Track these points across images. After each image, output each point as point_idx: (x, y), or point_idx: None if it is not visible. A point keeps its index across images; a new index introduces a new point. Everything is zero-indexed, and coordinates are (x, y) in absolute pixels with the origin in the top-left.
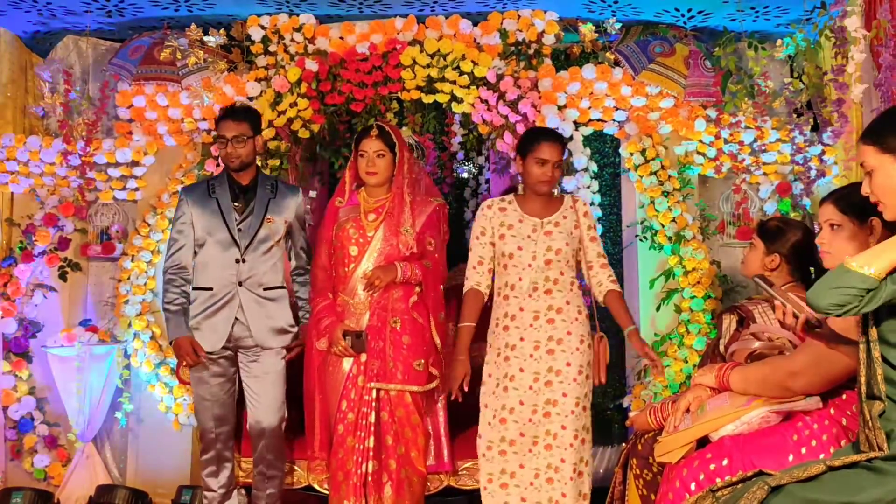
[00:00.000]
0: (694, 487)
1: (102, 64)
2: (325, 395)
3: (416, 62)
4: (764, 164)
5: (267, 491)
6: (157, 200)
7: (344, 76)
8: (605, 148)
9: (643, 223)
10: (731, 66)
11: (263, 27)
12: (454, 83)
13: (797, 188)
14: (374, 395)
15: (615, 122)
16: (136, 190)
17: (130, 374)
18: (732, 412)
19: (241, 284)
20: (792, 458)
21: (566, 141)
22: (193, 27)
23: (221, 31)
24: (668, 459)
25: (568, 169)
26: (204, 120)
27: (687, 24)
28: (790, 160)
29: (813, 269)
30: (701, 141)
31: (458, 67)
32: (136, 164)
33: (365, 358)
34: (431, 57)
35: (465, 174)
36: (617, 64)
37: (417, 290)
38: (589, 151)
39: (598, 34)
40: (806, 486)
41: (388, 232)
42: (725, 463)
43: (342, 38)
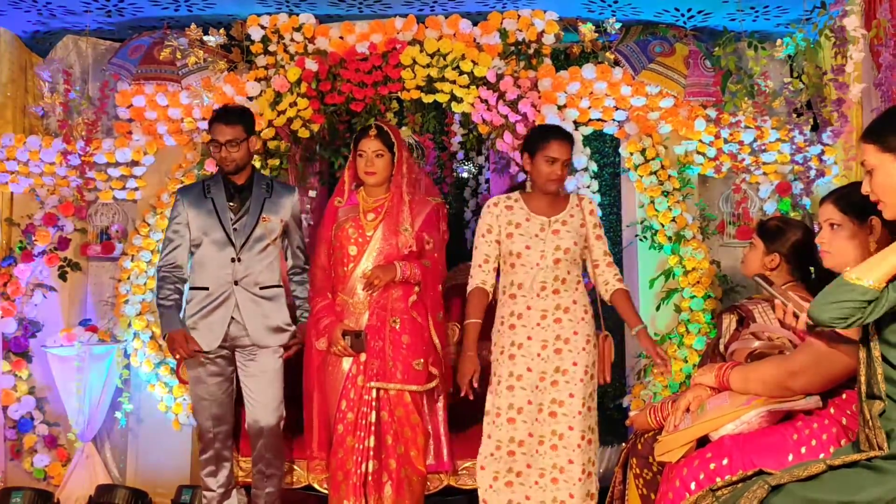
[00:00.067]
0: (694, 487)
1: (102, 64)
2: (324, 394)
3: (415, 62)
4: (764, 163)
5: (266, 490)
6: (156, 200)
7: (344, 76)
8: (604, 148)
9: (643, 223)
10: (730, 65)
11: (263, 27)
12: (454, 83)
13: (797, 188)
14: (373, 394)
15: (615, 121)
16: (135, 190)
17: (130, 373)
18: (732, 411)
19: (236, 284)
20: (792, 457)
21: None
22: (193, 27)
23: (221, 30)
24: (667, 459)
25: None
26: (204, 120)
27: (687, 23)
28: (790, 160)
29: (813, 268)
30: (701, 141)
31: (457, 67)
32: (135, 163)
33: (364, 357)
34: (431, 57)
35: (464, 174)
36: (617, 64)
37: (417, 289)
38: (589, 151)
39: (597, 34)
40: (806, 485)
41: (387, 231)
42: (725, 462)
43: (342, 37)
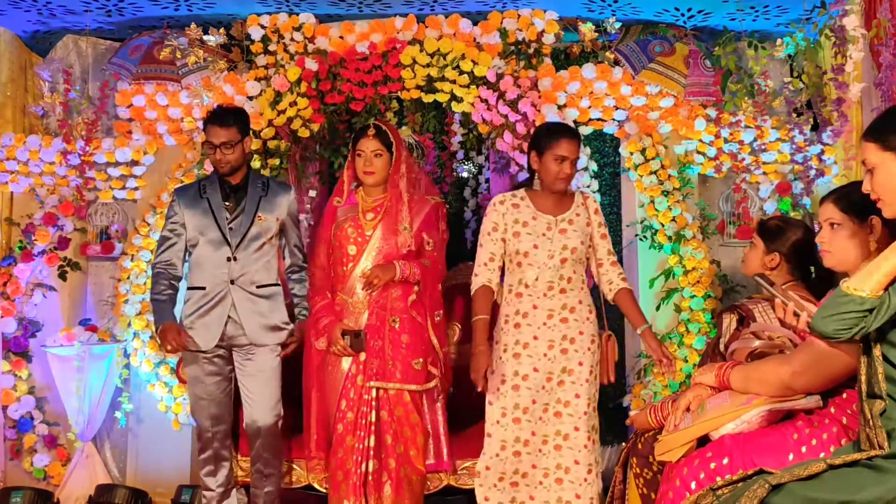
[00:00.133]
0: (694, 486)
1: (102, 63)
2: (323, 394)
3: (415, 61)
4: (764, 163)
5: (265, 489)
6: (156, 200)
7: (344, 75)
8: (604, 147)
9: (643, 222)
10: (730, 65)
11: (263, 26)
12: (454, 82)
13: (797, 187)
14: (373, 394)
15: (615, 121)
16: (135, 189)
17: (130, 373)
18: (733, 411)
19: (233, 283)
20: (792, 456)
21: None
22: (193, 26)
23: (221, 30)
24: (668, 458)
25: None
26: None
27: (687, 23)
28: (790, 159)
29: (813, 268)
30: (701, 140)
31: (457, 67)
32: (135, 163)
33: (364, 357)
34: (431, 56)
35: (464, 173)
36: (617, 63)
37: (416, 288)
38: (589, 151)
39: (597, 33)
40: (806, 484)
41: (386, 231)
42: (726, 462)
43: (342, 37)
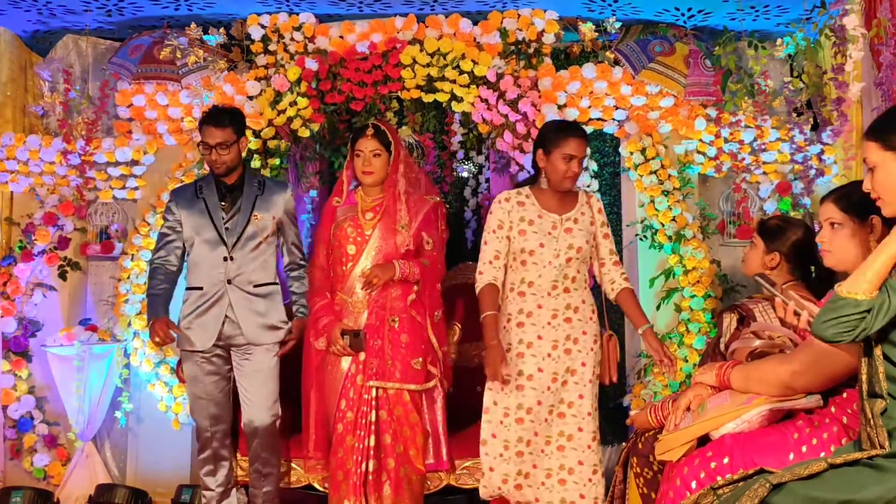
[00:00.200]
0: (695, 486)
1: (102, 63)
2: (323, 394)
3: (415, 61)
4: (764, 163)
5: (264, 489)
6: (156, 199)
7: (344, 75)
8: (604, 147)
9: (643, 222)
10: (731, 65)
11: (263, 26)
12: (454, 82)
13: (797, 187)
14: (373, 393)
15: (615, 121)
16: (135, 189)
17: (130, 373)
18: (733, 410)
19: (230, 283)
20: (793, 456)
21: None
22: (193, 26)
23: (221, 30)
24: (668, 458)
25: None
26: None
27: (687, 23)
28: (790, 159)
29: (813, 267)
30: (701, 140)
31: (457, 66)
32: (135, 163)
33: (363, 357)
34: (431, 56)
35: (464, 173)
36: (617, 63)
37: (416, 288)
38: (589, 150)
39: (597, 33)
40: (807, 483)
41: (385, 230)
42: (726, 461)
43: (342, 37)
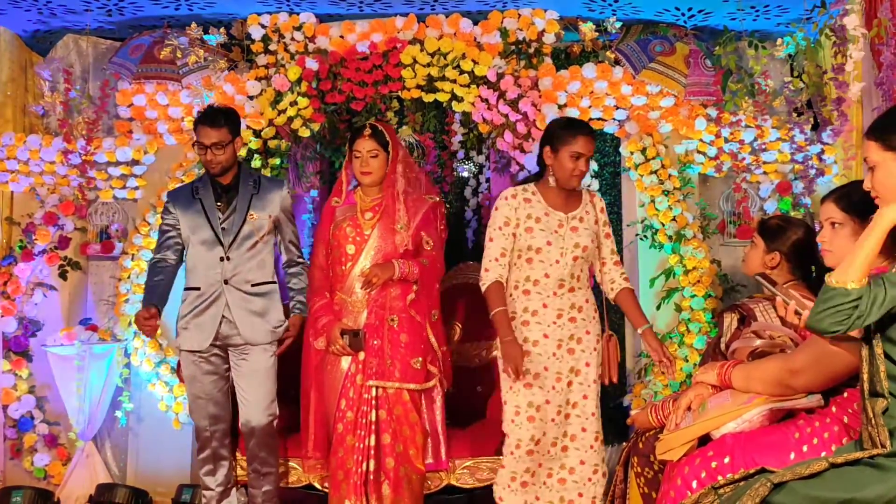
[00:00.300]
0: (696, 485)
1: (103, 63)
2: (322, 393)
3: (416, 61)
4: (764, 163)
5: (263, 488)
6: (157, 199)
7: (344, 75)
8: (605, 147)
9: (643, 222)
10: (731, 65)
11: (264, 26)
12: (454, 82)
13: (798, 187)
14: (373, 393)
15: (615, 120)
16: (136, 189)
17: (130, 372)
18: (734, 410)
19: (226, 283)
20: (793, 455)
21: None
22: (194, 26)
23: (222, 29)
24: (669, 457)
25: None
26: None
27: (687, 23)
28: (790, 159)
29: (814, 267)
30: (701, 140)
31: (458, 66)
32: (136, 162)
33: (363, 356)
34: (432, 56)
35: (465, 173)
36: (617, 63)
37: (415, 287)
38: None
39: (598, 33)
40: (808, 482)
41: (384, 230)
42: (727, 461)
43: (342, 36)
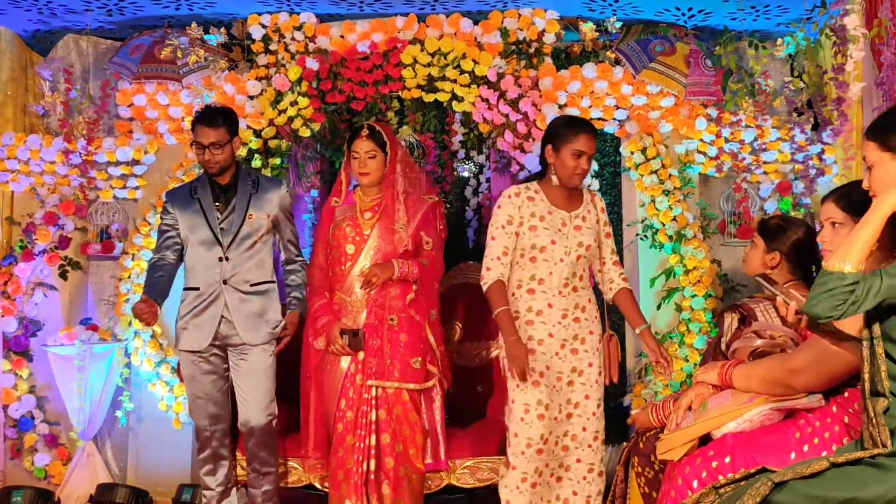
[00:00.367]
0: (696, 485)
1: (103, 62)
2: (322, 393)
3: (416, 61)
4: (764, 162)
5: (262, 488)
6: (157, 199)
7: (345, 75)
8: (605, 147)
9: (644, 222)
10: (731, 64)
11: (264, 26)
12: (455, 82)
13: (798, 187)
14: (373, 392)
15: (616, 120)
16: (136, 188)
17: (131, 372)
18: (734, 410)
19: (225, 283)
20: (794, 455)
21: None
22: (194, 26)
23: (222, 29)
24: (670, 457)
25: None
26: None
27: (687, 23)
28: (790, 159)
29: (815, 267)
30: (701, 140)
31: (458, 66)
32: (136, 162)
33: (362, 356)
34: (432, 56)
35: (465, 173)
36: (617, 63)
37: (414, 287)
38: None
39: (598, 33)
40: (809, 482)
41: (384, 230)
42: (728, 460)
43: (343, 36)
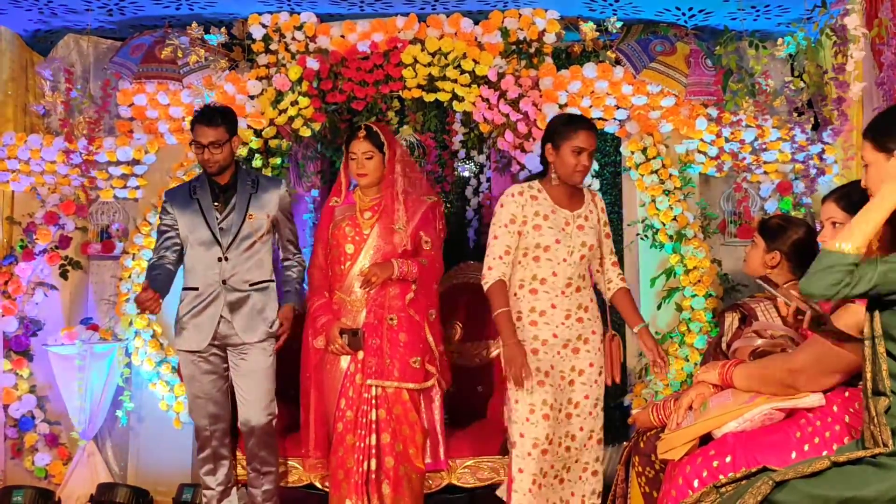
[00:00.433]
0: (697, 484)
1: (103, 62)
2: (322, 393)
3: (417, 61)
4: (765, 162)
5: (262, 488)
6: (157, 199)
7: (345, 74)
8: (605, 146)
9: (644, 222)
10: (731, 64)
11: (265, 25)
12: (455, 82)
13: (798, 187)
14: (372, 392)
15: (616, 120)
16: (137, 188)
17: (131, 372)
18: (735, 409)
19: (224, 283)
20: (795, 455)
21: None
22: (194, 25)
23: (222, 29)
24: (670, 457)
25: None
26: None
27: (688, 22)
28: (791, 159)
29: None
30: (702, 139)
31: (459, 66)
32: (137, 162)
33: (362, 355)
34: (432, 55)
35: (466, 173)
36: (618, 63)
37: (414, 287)
38: None
39: (599, 33)
40: (810, 481)
41: (383, 230)
42: (728, 460)
43: (343, 36)
